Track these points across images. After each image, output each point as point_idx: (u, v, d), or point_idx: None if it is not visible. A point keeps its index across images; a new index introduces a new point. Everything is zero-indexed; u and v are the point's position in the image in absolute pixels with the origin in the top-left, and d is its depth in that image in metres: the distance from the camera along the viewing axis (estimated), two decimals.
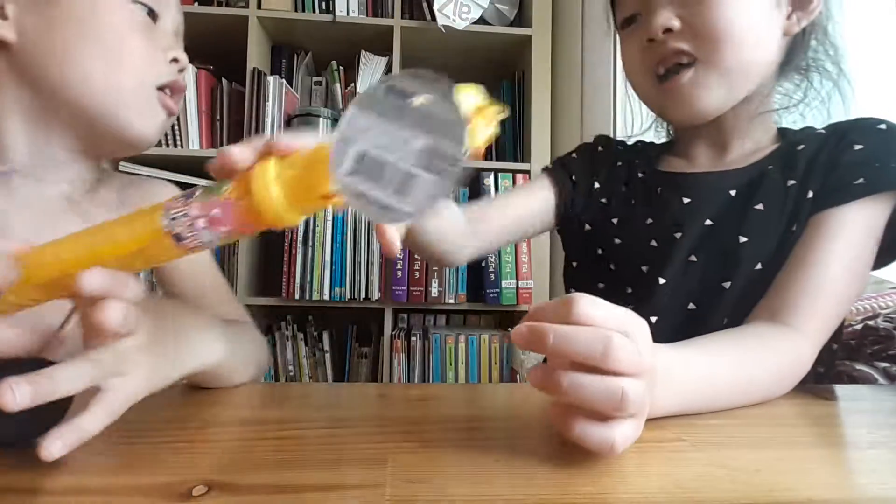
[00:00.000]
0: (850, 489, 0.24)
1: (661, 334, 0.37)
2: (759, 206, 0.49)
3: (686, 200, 0.53)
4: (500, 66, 1.53)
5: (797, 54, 0.52)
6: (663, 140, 0.66)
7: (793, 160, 0.49)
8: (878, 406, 0.40)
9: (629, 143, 0.66)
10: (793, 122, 0.56)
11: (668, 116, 0.57)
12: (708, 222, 0.51)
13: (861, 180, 0.44)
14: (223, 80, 1.41)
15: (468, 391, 0.42)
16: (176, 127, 1.35)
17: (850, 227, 0.44)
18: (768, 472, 0.25)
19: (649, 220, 0.54)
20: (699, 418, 0.34)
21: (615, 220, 0.57)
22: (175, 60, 0.51)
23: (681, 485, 0.24)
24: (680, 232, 0.51)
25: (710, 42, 0.47)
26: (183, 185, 1.17)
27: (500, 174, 1.33)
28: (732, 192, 0.51)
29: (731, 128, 0.53)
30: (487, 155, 1.49)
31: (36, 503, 0.22)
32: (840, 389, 0.44)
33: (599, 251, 0.58)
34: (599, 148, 0.64)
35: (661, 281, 0.50)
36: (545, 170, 0.64)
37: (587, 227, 0.60)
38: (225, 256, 1.39)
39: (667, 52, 0.49)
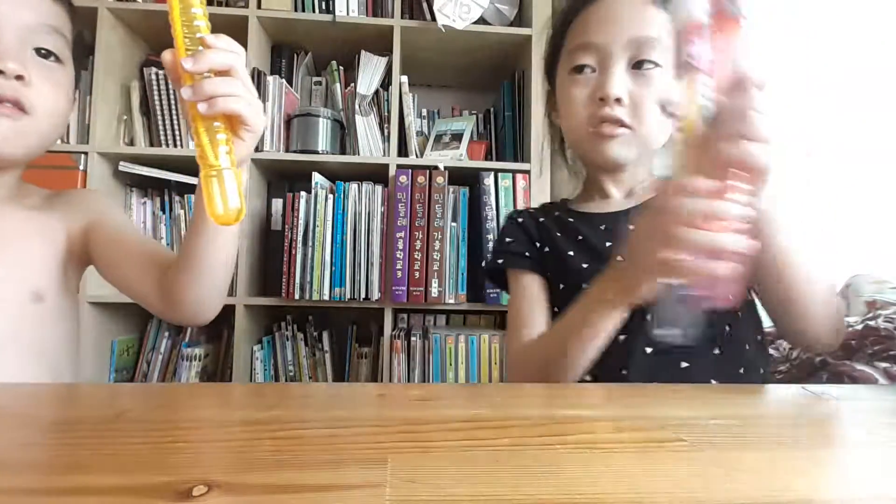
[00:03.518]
0: (850, 489, 0.24)
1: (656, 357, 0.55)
2: None
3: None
4: (500, 66, 1.53)
5: None
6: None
7: None
8: (878, 406, 0.40)
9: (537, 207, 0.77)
10: None
11: (590, 158, 0.66)
12: None
13: None
14: None
15: (468, 391, 0.42)
16: (176, 127, 1.35)
17: None
18: (768, 472, 0.25)
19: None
20: (699, 418, 0.34)
21: (586, 266, 0.62)
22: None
23: (681, 485, 0.24)
24: None
25: (645, 120, 0.59)
26: (183, 185, 1.19)
27: (499, 174, 1.33)
28: None
29: (637, 173, 0.66)
30: (487, 155, 1.49)
31: (36, 503, 0.22)
32: (840, 389, 0.44)
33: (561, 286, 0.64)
34: (520, 220, 0.71)
35: None
36: (512, 268, 0.68)
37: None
38: None
39: (609, 115, 0.59)
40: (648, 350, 0.56)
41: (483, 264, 1.31)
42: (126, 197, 1.40)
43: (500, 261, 0.69)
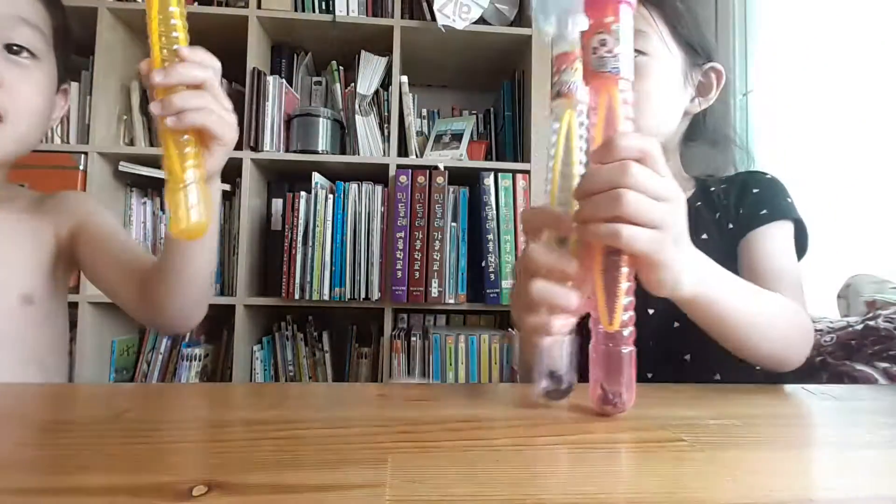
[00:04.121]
0: (850, 489, 0.24)
1: (647, 354, 0.47)
2: (704, 236, 0.61)
3: None
4: (500, 66, 1.53)
5: (698, 128, 0.66)
6: None
7: (710, 199, 0.63)
8: (878, 406, 0.40)
9: None
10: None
11: None
12: None
13: (764, 211, 0.59)
14: (223, 79, 1.41)
15: (468, 391, 0.42)
16: None
17: (770, 239, 0.59)
18: (768, 472, 0.25)
19: None
20: (699, 418, 0.34)
21: None
22: None
23: (681, 485, 0.24)
24: None
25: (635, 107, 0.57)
26: None
27: (499, 174, 1.33)
28: None
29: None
30: (487, 155, 1.49)
31: (36, 503, 0.22)
32: (840, 389, 0.44)
33: None
34: None
35: (650, 311, 0.57)
36: None
37: None
38: (225, 256, 1.39)
39: None
40: None
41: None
42: (126, 197, 1.40)
43: None
